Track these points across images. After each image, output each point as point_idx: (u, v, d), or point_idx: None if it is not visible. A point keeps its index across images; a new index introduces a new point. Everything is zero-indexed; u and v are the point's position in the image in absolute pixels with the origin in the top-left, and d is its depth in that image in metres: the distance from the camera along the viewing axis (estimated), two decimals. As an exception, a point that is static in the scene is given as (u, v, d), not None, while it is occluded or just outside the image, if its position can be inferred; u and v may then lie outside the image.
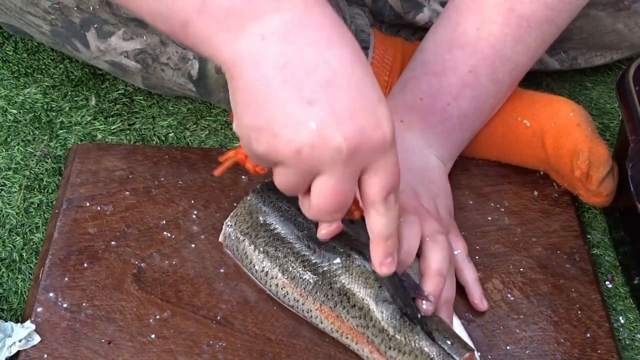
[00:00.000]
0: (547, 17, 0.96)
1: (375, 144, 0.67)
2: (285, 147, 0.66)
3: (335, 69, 0.66)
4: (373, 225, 0.73)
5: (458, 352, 0.78)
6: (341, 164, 0.66)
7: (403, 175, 0.89)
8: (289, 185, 0.70)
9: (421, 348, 0.78)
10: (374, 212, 0.71)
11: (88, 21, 1.02)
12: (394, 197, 0.71)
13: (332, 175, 0.67)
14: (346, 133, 0.65)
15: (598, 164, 0.96)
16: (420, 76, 0.96)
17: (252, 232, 0.87)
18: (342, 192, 0.69)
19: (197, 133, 1.08)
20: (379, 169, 0.69)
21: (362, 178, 0.69)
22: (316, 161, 0.66)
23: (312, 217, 0.72)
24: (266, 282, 0.87)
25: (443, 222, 0.89)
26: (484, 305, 0.89)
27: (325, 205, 0.70)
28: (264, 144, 0.67)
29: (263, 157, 0.69)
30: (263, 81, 0.66)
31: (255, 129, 0.67)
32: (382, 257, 0.75)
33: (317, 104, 0.65)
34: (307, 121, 0.65)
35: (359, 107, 0.66)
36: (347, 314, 0.82)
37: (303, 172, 0.68)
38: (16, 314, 0.89)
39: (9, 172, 1.02)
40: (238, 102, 0.68)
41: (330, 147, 0.65)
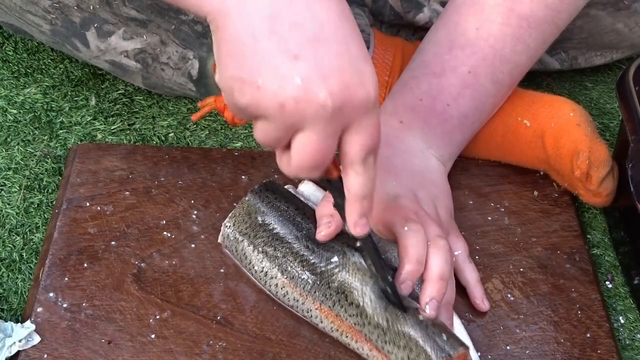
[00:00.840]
0: (546, 17, 0.96)
1: (359, 102, 0.67)
2: (268, 100, 0.65)
3: (322, 23, 0.66)
4: (350, 184, 0.72)
5: (452, 347, 0.78)
6: (324, 120, 0.66)
7: (403, 178, 0.89)
8: (270, 139, 0.69)
9: (416, 341, 0.78)
10: (352, 172, 0.71)
11: (88, 20, 1.02)
12: (373, 157, 0.71)
13: (314, 131, 0.67)
14: (331, 89, 0.65)
15: (598, 164, 0.96)
16: (420, 76, 0.96)
17: (251, 233, 0.87)
18: (324, 148, 0.68)
19: (197, 133, 1.08)
20: (361, 128, 0.68)
21: (342, 137, 0.69)
22: (299, 116, 0.66)
23: (291, 173, 0.71)
24: (265, 282, 0.87)
25: (443, 224, 0.89)
26: (485, 306, 0.89)
27: (305, 161, 0.69)
28: (247, 96, 0.66)
29: (245, 110, 0.68)
30: (249, 32, 0.65)
31: (238, 80, 0.66)
32: (357, 217, 0.74)
33: (303, 59, 0.65)
34: (292, 75, 0.64)
35: (345, 64, 0.66)
36: (345, 313, 0.82)
37: (285, 127, 0.67)
38: (16, 314, 0.89)
39: (9, 172, 1.02)
40: (222, 52, 0.67)
41: (315, 103, 0.65)
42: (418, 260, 0.80)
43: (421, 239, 0.81)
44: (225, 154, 1.02)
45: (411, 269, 0.79)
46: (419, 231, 0.81)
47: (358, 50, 0.67)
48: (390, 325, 0.80)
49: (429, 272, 0.81)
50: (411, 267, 0.79)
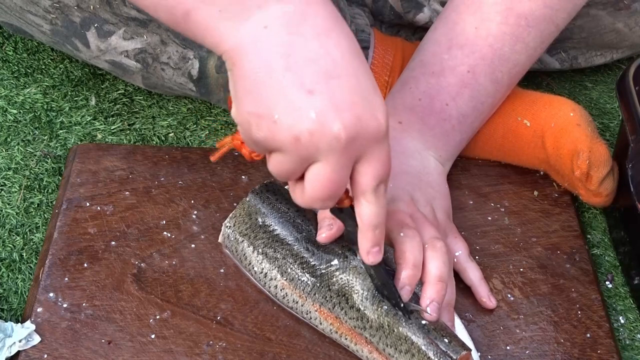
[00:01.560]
0: (545, 15, 0.96)
1: (371, 133, 0.68)
2: (284, 134, 0.67)
3: (335, 59, 0.68)
4: (362, 214, 0.73)
5: (455, 350, 0.78)
6: (338, 151, 0.68)
7: (400, 180, 0.89)
8: (284, 172, 0.71)
9: (418, 346, 0.78)
10: (364, 201, 0.72)
11: (88, 20, 1.02)
12: (384, 187, 0.72)
13: (328, 163, 0.68)
14: (345, 122, 0.67)
15: (598, 163, 0.95)
16: (418, 76, 0.96)
17: (251, 234, 0.87)
18: (337, 180, 0.70)
19: (197, 133, 1.08)
20: (373, 158, 0.70)
21: (355, 167, 0.71)
22: (314, 148, 0.68)
23: (305, 204, 0.73)
24: (265, 283, 0.87)
25: (440, 225, 0.89)
26: (492, 303, 0.89)
27: (319, 192, 0.70)
28: (264, 130, 0.68)
29: (262, 143, 0.70)
30: (265, 69, 0.67)
31: (255, 115, 0.68)
32: (369, 246, 0.75)
33: (318, 93, 0.67)
34: (307, 109, 0.66)
35: (357, 97, 0.68)
36: (345, 315, 0.82)
37: (300, 159, 0.69)
38: (16, 314, 0.89)
39: (9, 172, 1.02)
40: (239, 89, 0.69)
41: (329, 135, 0.67)
42: (415, 264, 0.80)
43: (417, 243, 0.81)
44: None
45: (408, 274, 0.80)
46: (414, 236, 0.82)
47: (368, 84, 0.69)
48: (391, 330, 0.80)
49: (428, 275, 0.81)
50: (408, 272, 0.80)
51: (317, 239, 0.84)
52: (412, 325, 0.79)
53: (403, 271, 0.80)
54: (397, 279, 0.80)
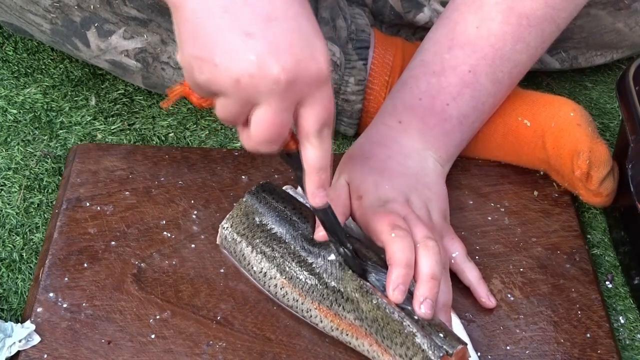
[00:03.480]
0: (546, 15, 0.96)
1: (311, 76, 0.70)
2: (225, 77, 0.69)
3: (274, 3, 0.69)
4: (307, 157, 0.75)
5: (450, 345, 0.78)
6: (278, 94, 0.69)
7: (397, 181, 0.90)
8: (229, 115, 0.73)
9: (413, 340, 0.78)
10: (308, 145, 0.74)
11: (88, 20, 1.02)
12: (327, 130, 0.74)
13: (269, 106, 0.70)
14: (284, 64, 0.68)
15: (598, 163, 0.96)
16: (419, 75, 0.96)
17: (249, 234, 0.87)
18: (279, 122, 0.71)
19: (197, 133, 1.08)
20: (314, 102, 0.71)
21: (298, 111, 0.72)
22: (254, 91, 0.69)
23: (251, 147, 0.74)
24: (264, 282, 0.87)
25: (436, 227, 0.89)
26: (491, 302, 0.89)
27: (262, 135, 0.72)
28: (206, 73, 0.70)
29: (204, 86, 0.72)
30: (205, 12, 0.69)
31: (197, 58, 0.70)
32: (314, 188, 0.77)
33: (257, 37, 0.68)
34: (246, 52, 0.68)
35: (296, 41, 0.69)
36: (344, 310, 0.82)
37: (242, 102, 0.71)
38: (16, 314, 0.89)
39: (9, 172, 1.02)
40: (182, 32, 0.71)
41: (268, 78, 0.68)
42: (407, 264, 0.80)
43: (408, 243, 0.81)
44: (225, 154, 1.02)
45: (400, 273, 0.80)
46: (405, 237, 0.82)
47: (309, 27, 0.71)
48: (385, 323, 0.80)
49: (420, 273, 0.81)
50: (400, 271, 0.80)
51: (315, 237, 0.84)
52: (406, 319, 0.79)
53: (394, 271, 0.80)
54: (389, 279, 0.80)
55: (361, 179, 0.89)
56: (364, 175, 0.89)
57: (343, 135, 1.10)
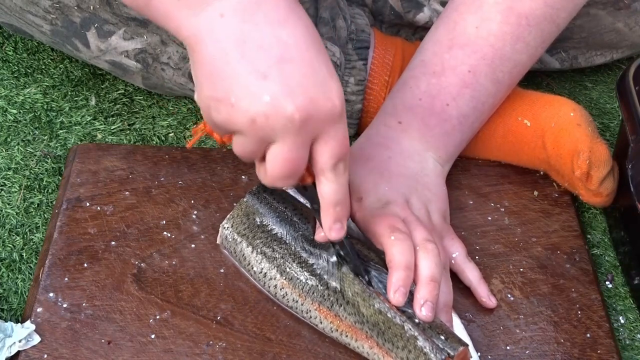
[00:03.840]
0: (546, 15, 0.96)
1: (325, 114, 0.72)
2: (241, 117, 0.72)
3: (288, 46, 0.72)
4: (323, 192, 0.77)
5: (452, 347, 0.78)
6: (293, 132, 0.71)
7: (396, 182, 0.90)
8: (246, 152, 0.75)
9: (414, 343, 0.78)
10: (324, 180, 0.76)
11: (88, 21, 1.02)
12: (343, 165, 0.76)
13: (284, 143, 0.72)
14: (297, 104, 0.71)
15: (599, 163, 0.96)
16: (419, 76, 0.96)
17: (250, 234, 0.87)
18: (294, 159, 0.73)
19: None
20: (329, 138, 0.73)
21: (313, 147, 0.74)
22: (270, 130, 0.72)
23: (268, 183, 0.77)
24: (265, 283, 0.87)
25: (436, 228, 0.89)
26: (492, 302, 0.89)
27: (278, 171, 0.74)
28: (223, 113, 0.72)
29: (222, 126, 0.74)
30: (222, 56, 0.71)
31: (214, 99, 0.73)
32: (331, 222, 0.79)
33: (271, 78, 0.71)
34: (261, 93, 0.70)
35: (310, 81, 0.72)
36: (344, 312, 0.82)
37: (258, 140, 0.73)
38: (16, 314, 0.89)
39: (9, 172, 1.02)
40: (198, 74, 0.74)
41: (283, 116, 0.71)
42: (406, 266, 0.81)
43: (407, 246, 0.82)
44: (225, 154, 1.02)
45: (400, 275, 0.80)
46: (404, 239, 0.82)
47: (324, 69, 0.73)
48: (387, 327, 0.80)
49: (420, 275, 0.81)
50: (400, 273, 0.80)
51: (316, 238, 0.84)
52: (407, 322, 0.79)
53: (394, 274, 0.80)
54: (390, 282, 0.80)
55: (361, 180, 0.89)
56: (364, 177, 0.89)
57: (343, 136, 1.10)
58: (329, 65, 0.74)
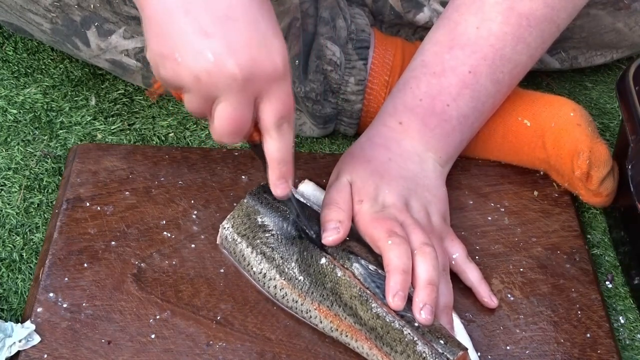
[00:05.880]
0: (546, 15, 0.96)
1: (267, 73, 0.74)
2: (186, 74, 0.74)
3: (232, 5, 0.73)
4: (268, 149, 0.79)
5: (451, 351, 0.78)
6: (236, 90, 0.74)
7: (396, 185, 0.90)
8: (194, 109, 0.77)
9: (413, 348, 0.79)
10: (269, 138, 0.78)
11: (89, 19, 1.02)
12: (287, 124, 0.78)
13: (228, 101, 0.75)
14: (240, 62, 0.72)
15: (599, 163, 0.96)
16: (419, 76, 0.96)
17: (250, 234, 0.87)
18: (238, 117, 0.76)
19: (197, 133, 1.08)
20: (272, 97, 0.76)
21: (258, 106, 0.76)
22: (213, 87, 0.74)
23: (216, 139, 0.78)
24: (264, 283, 0.87)
25: (436, 230, 0.89)
26: (494, 302, 0.89)
27: (224, 128, 0.76)
28: (169, 70, 0.75)
29: (169, 82, 0.76)
30: (167, 13, 0.73)
31: (160, 56, 0.75)
32: (275, 179, 0.81)
33: (214, 36, 0.72)
34: (204, 51, 0.72)
35: (253, 40, 0.73)
36: (344, 312, 0.82)
37: (204, 97, 0.75)
38: (16, 314, 0.89)
39: (9, 172, 1.02)
40: (146, 30, 0.76)
41: (225, 75, 0.73)
42: (403, 270, 0.81)
43: (404, 249, 0.82)
44: (225, 154, 1.02)
45: (398, 279, 0.81)
46: (401, 243, 0.82)
47: (267, 27, 0.75)
48: (385, 331, 0.80)
49: (417, 279, 0.82)
50: (397, 277, 0.81)
51: (323, 241, 0.84)
52: (406, 327, 0.79)
53: (392, 278, 0.81)
54: (388, 286, 0.80)
55: (362, 183, 0.89)
56: (365, 179, 0.89)
57: (343, 135, 1.10)
58: (274, 25, 0.75)
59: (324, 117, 1.05)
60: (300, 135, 1.09)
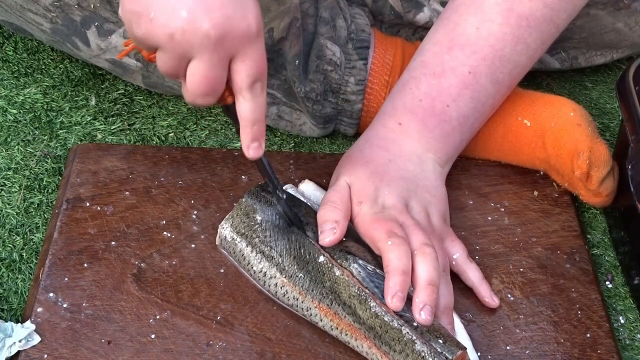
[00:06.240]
0: (546, 16, 0.96)
1: (241, 32, 0.74)
2: (160, 32, 0.74)
3: None
4: (241, 110, 0.79)
5: (450, 350, 0.78)
6: (210, 49, 0.73)
7: (396, 186, 0.90)
8: (168, 68, 0.77)
9: (412, 347, 0.78)
10: (242, 98, 0.78)
11: (89, 19, 1.02)
12: (260, 85, 0.78)
13: (201, 60, 0.74)
14: (214, 21, 0.73)
15: (599, 163, 0.96)
16: (419, 77, 0.96)
17: (249, 233, 0.87)
18: (212, 76, 0.75)
19: (197, 133, 1.08)
20: (246, 57, 0.76)
21: (231, 66, 0.76)
22: (187, 46, 0.74)
23: (189, 100, 0.78)
24: (265, 282, 0.87)
25: (436, 230, 0.89)
26: (495, 302, 0.89)
27: (197, 87, 0.76)
28: (142, 28, 0.74)
29: (143, 41, 0.76)
30: None
31: (135, 13, 0.75)
32: (249, 141, 0.80)
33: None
34: (179, 8, 0.72)
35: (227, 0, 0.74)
36: (343, 311, 0.82)
37: (177, 56, 0.75)
38: (16, 314, 0.89)
39: (9, 172, 1.02)
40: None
41: (199, 33, 0.73)
42: (403, 271, 0.81)
43: (404, 250, 0.82)
44: (225, 154, 1.02)
45: (397, 280, 0.81)
46: (401, 244, 0.82)
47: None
48: (384, 331, 0.80)
49: (418, 279, 0.81)
50: (396, 278, 0.81)
51: (320, 242, 0.84)
52: (405, 326, 0.79)
53: (391, 279, 0.81)
54: (387, 287, 0.80)
55: (362, 184, 0.89)
56: (365, 180, 0.89)
57: (343, 135, 1.10)
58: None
59: (324, 117, 1.05)
60: (300, 135, 1.09)
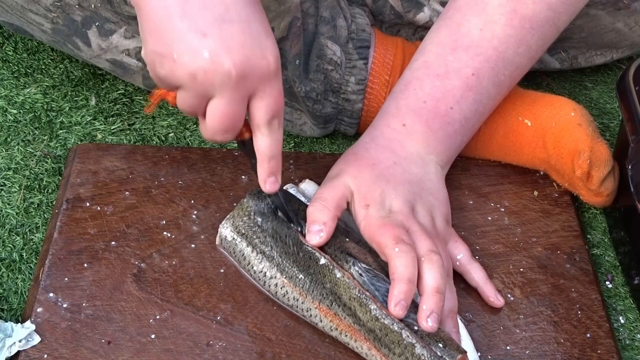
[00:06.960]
0: (548, 18, 0.95)
1: (260, 71, 0.77)
2: (182, 72, 0.77)
3: (227, 6, 0.76)
4: (259, 145, 0.82)
5: (450, 354, 0.78)
6: (230, 87, 0.77)
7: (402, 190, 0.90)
8: (188, 107, 0.80)
9: (412, 351, 0.79)
10: (260, 134, 0.81)
11: (89, 19, 1.02)
12: (277, 121, 0.81)
13: (222, 98, 0.77)
14: (234, 60, 0.76)
15: (599, 163, 0.96)
16: (423, 77, 0.96)
17: (250, 234, 0.87)
18: (232, 113, 0.79)
19: (197, 133, 1.08)
20: (264, 95, 0.79)
21: (250, 103, 0.79)
22: (209, 84, 0.77)
23: (208, 137, 0.81)
24: (265, 282, 0.87)
25: (439, 234, 0.89)
26: (500, 302, 0.89)
27: (217, 125, 0.79)
28: (166, 68, 0.77)
29: (166, 81, 0.79)
30: (165, 13, 0.76)
31: (158, 54, 0.78)
32: (265, 176, 0.84)
33: (210, 36, 0.76)
34: (201, 49, 0.75)
35: (247, 40, 0.77)
36: (343, 312, 0.82)
37: (198, 95, 0.78)
38: (16, 314, 0.89)
39: (9, 172, 1.02)
40: (144, 30, 0.78)
41: (221, 72, 0.76)
42: (409, 279, 0.81)
43: (411, 258, 0.82)
44: (225, 154, 1.02)
45: (402, 289, 0.80)
46: (408, 251, 0.82)
47: (260, 28, 0.78)
48: (384, 334, 0.80)
49: (425, 287, 0.81)
50: (402, 287, 0.80)
51: (307, 241, 0.84)
52: (405, 330, 0.79)
53: (396, 286, 0.81)
54: (391, 294, 0.80)
55: (368, 188, 0.89)
56: (370, 184, 0.89)
57: (343, 135, 1.10)
58: (266, 26, 0.79)
59: (325, 117, 1.05)
60: (300, 135, 1.09)
